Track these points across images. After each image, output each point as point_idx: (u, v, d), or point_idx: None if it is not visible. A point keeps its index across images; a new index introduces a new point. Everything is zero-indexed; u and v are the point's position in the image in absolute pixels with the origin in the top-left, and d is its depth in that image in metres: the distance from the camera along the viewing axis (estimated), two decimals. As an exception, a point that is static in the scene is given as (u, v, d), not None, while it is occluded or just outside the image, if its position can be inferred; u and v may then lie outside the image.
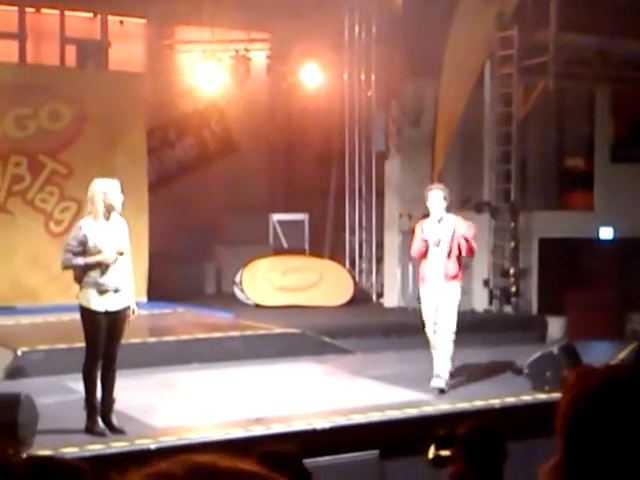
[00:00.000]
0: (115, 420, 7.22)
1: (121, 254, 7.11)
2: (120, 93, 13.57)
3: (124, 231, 7.28)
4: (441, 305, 8.57)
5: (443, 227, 8.60)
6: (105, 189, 7.12)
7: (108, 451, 6.73)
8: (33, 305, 12.78)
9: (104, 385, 7.21)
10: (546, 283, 12.89)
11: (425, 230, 8.65)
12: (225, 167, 15.61)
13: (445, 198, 8.61)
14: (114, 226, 7.17)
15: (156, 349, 10.29)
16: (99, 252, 7.05)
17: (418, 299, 13.03)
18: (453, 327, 8.54)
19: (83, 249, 7.05)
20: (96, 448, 6.72)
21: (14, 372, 9.33)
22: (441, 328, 8.56)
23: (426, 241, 8.58)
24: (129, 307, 7.25)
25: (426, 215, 8.84)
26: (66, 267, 7.24)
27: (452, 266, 8.57)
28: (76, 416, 7.23)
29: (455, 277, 8.60)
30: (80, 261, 7.07)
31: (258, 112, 15.25)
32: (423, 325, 8.75)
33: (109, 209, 7.10)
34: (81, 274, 7.12)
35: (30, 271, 13.06)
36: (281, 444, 4.32)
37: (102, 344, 7.14)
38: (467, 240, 8.53)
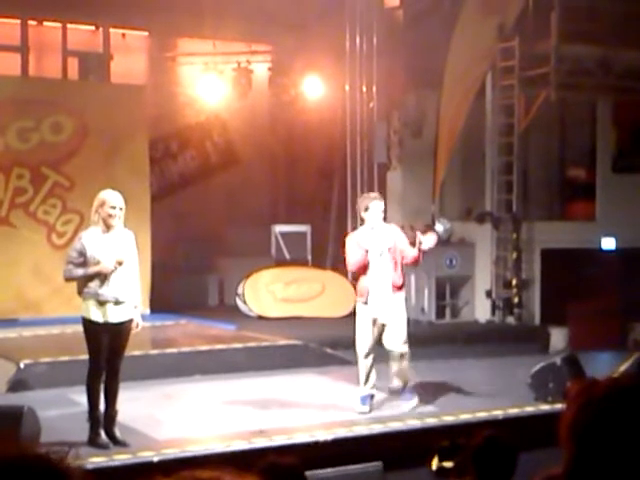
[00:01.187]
0: (118, 432, 7.22)
1: (120, 264, 7.09)
2: (122, 105, 13.60)
3: (130, 244, 7.27)
4: (391, 319, 8.13)
5: (383, 237, 8.15)
6: (101, 200, 7.13)
7: (111, 464, 6.73)
8: (36, 317, 12.77)
9: (107, 397, 7.21)
10: (548, 294, 12.87)
11: (362, 242, 8.12)
12: (227, 179, 15.64)
13: (384, 208, 8.24)
14: (116, 238, 7.16)
15: (158, 361, 10.28)
16: (97, 262, 7.05)
17: (422, 310, 13.15)
18: (406, 338, 8.19)
19: (83, 260, 7.07)
20: (99, 461, 6.71)
21: (17, 385, 9.32)
22: (395, 344, 8.14)
23: (367, 252, 8.07)
24: (132, 320, 7.24)
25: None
26: (68, 279, 7.25)
27: (399, 277, 8.20)
28: (79, 429, 7.22)
29: (401, 288, 8.26)
30: (80, 272, 7.07)
31: (260, 124, 15.29)
32: (353, 343, 8.24)
33: (105, 220, 7.10)
34: (82, 285, 7.12)
35: (33, 283, 13.07)
36: (283, 456, 4.31)
37: (104, 356, 7.14)
38: (420, 250, 8.08)
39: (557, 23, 12.05)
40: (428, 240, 8.18)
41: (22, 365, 9.55)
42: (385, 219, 8.40)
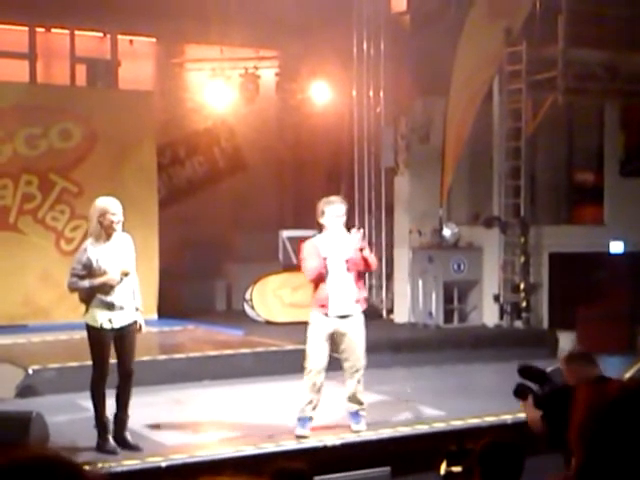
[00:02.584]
0: (129, 436, 7.24)
1: (126, 275, 7.13)
2: (130, 111, 13.64)
3: (130, 248, 7.29)
4: (351, 335, 7.66)
5: (343, 244, 7.59)
6: (101, 209, 7.14)
7: (119, 469, 6.74)
8: (44, 323, 12.80)
9: (119, 402, 7.24)
10: (557, 298, 12.86)
11: (321, 249, 7.58)
12: (234, 184, 15.66)
13: (345, 213, 7.68)
14: (118, 245, 7.19)
15: (166, 366, 10.29)
16: (104, 273, 7.08)
17: (430, 314, 13.15)
18: (364, 357, 7.75)
19: (88, 271, 7.08)
20: (107, 466, 6.72)
21: (25, 390, 9.35)
22: (354, 361, 7.70)
23: (325, 259, 7.53)
24: (135, 322, 7.28)
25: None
26: (73, 290, 7.27)
27: (361, 288, 7.75)
28: (87, 434, 7.24)
29: (363, 300, 7.79)
30: (86, 284, 7.10)
31: (267, 129, 15.30)
32: (305, 360, 7.74)
33: (107, 229, 7.11)
34: (87, 296, 7.15)
35: (41, 289, 13.10)
36: (292, 461, 4.32)
37: (109, 362, 7.18)
38: (369, 252, 7.62)
39: (564, 27, 12.03)
40: (355, 239, 7.59)
41: (30, 371, 9.58)
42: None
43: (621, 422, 1.69)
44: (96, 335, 7.13)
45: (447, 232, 13.42)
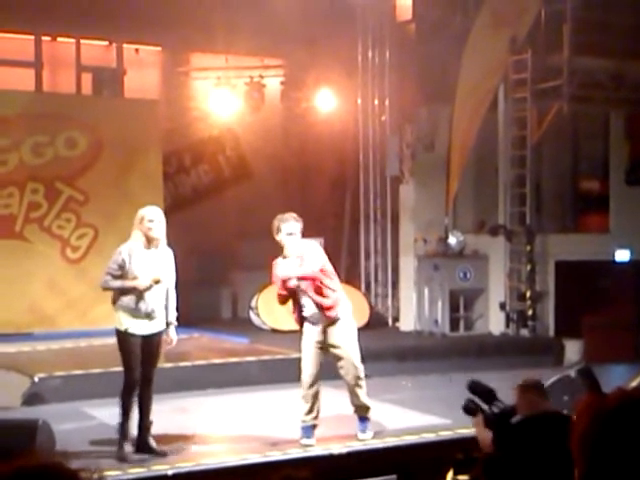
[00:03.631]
0: (154, 443, 7.25)
1: (157, 282, 7.20)
2: (136, 120, 13.67)
3: (169, 261, 7.41)
4: (338, 344, 7.62)
5: (298, 262, 7.55)
6: (140, 216, 7.27)
7: (125, 477, 6.73)
8: (50, 331, 12.81)
9: (141, 408, 7.25)
10: (563, 306, 12.84)
11: (280, 270, 7.57)
12: (240, 192, 15.67)
13: (301, 230, 7.67)
14: (156, 255, 7.28)
15: (172, 374, 10.28)
16: (135, 277, 7.15)
17: (436, 322, 13.14)
18: (359, 363, 7.69)
19: (122, 273, 7.15)
20: (114, 474, 6.71)
21: (31, 398, 9.36)
22: (348, 369, 7.65)
23: (284, 281, 7.47)
24: (162, 332, 7.32)
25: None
26: (105, 289, 7.37)
27: (325, 295, 7.53)
28: (93, 442, 7.24)
29: (333, 307, 7.58)
30: (118, 284, 7.20)
31: (272, 138, 15.32)
32: (300, 372, 7.69)
33: (147, 237, 7.19)
34: (116, 296, 7.22)
35: (47, 297, 13.11)
36: (298, 470, 4.31)
37: (138, 368, 7.19)
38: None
39: (569, 36, 12.04)
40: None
41: (36, 379, 9.59)
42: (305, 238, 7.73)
43: (623, 431, 1.69)
44: (123, 339, 7.20)
45: (453, 240, 13.41)
